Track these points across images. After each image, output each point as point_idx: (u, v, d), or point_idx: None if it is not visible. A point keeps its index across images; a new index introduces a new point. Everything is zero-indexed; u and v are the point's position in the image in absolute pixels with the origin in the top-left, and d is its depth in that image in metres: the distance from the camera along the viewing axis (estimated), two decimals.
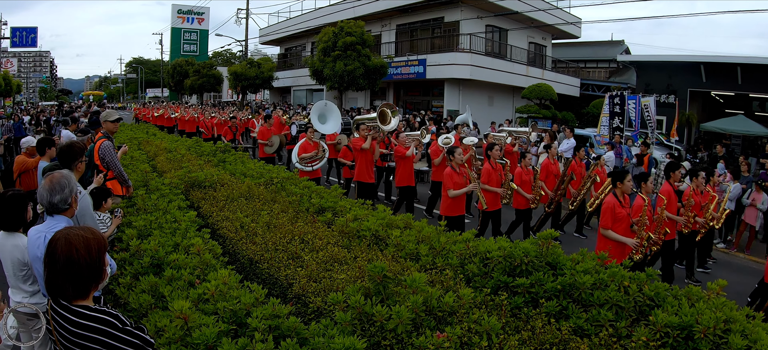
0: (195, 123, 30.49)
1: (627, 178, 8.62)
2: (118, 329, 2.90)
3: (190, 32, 78.37)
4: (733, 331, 3.85)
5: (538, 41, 42.25)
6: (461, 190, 10.40)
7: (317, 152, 14.54)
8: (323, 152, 14.70)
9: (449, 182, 10.40)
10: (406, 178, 14.18)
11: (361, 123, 14.23)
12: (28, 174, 10.17)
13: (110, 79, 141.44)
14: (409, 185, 14.21)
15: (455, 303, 4.15)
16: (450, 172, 10.45)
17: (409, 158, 14.02)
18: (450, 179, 10.40)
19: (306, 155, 14.33)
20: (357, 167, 13.74)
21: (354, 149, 13.91)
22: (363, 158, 13.59)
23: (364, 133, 13.61)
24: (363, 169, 13.63)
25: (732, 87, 31.74)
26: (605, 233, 8.32)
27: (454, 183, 10.39)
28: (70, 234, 2.93)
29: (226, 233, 6.84)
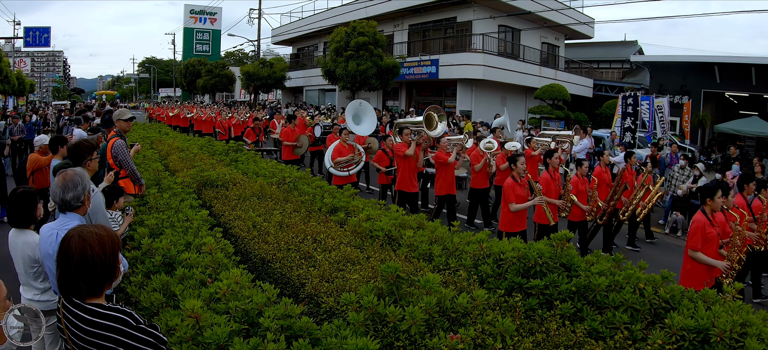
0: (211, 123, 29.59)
1: (717, 194, 7.71)
2: (131, 327, 2.88)
3: (202, 32, 78.59)
4: (750, 335, 3.79)
5: (551, 41, 42.13)
6: (525, 204, 9.56)
7: (353, 155, 13.66)
8: (359, 156, 13.85)
9: (511, 194, 9.52)
10: (447, 186, 13.04)
11: (404, 127, 13.03)
12: (41, 172, 10.22)
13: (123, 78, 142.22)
14: (450, 194, 13.16)
15: (469, 304, 4.11)
16: (512, 184, 9.59)
17: (451, 164, 12.88)
18: (512, 192, 9.53)
19: (341, 159, 13.51)
20: (399, 175, 12.64)
21: (396, 155, 12.77)
22: (406, 166, 12.50)
23: (408, 138, 12.44)
24: (406, 177, 12.54)
25: (746, 88, 31.56)
26: (694, 256, 7.45)
27: (516, 196, 9.53)
28: (83, 232, 2.91)
29: (238, 232, 6.83)
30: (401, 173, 12.56)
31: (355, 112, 15.28)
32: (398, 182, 12.62)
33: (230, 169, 10.88)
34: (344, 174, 13.30)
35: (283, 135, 18.46)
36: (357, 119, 15.21)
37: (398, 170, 12.72)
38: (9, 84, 47.82)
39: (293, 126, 18.56)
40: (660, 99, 24.20)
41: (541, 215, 10.18)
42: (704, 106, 33.23)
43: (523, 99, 38.90)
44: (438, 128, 13.33)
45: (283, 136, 18.45)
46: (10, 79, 48.22)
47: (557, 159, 10.99)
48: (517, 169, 9.69)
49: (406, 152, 12.20)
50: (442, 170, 13.00)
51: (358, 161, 13.74)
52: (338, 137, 16.28)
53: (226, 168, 10.91)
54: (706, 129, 33.34)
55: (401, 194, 12.55)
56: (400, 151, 12.37)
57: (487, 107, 34.88)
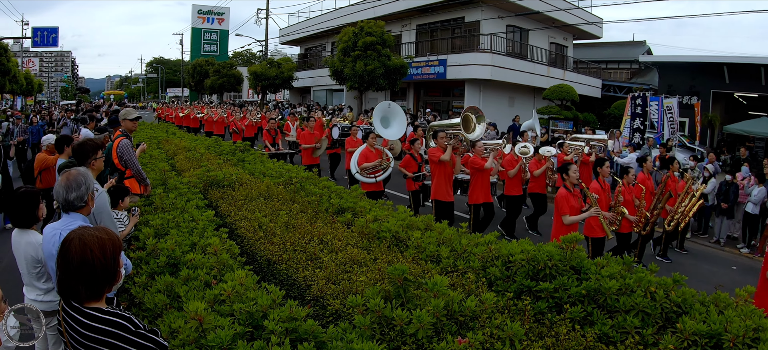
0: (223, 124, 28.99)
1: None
2: (130, 332, 2.83)
3: (210, 32, 78.73)
4: (763, 340, 3.73)
5: (560, 41, 42.03)
6: (579, 216, 8.91)
7: (381, 161, 12.80)
8: (387, 162, 12.93)
9: (564, 205, 8.84)
10: (482, 194, 12.13)
11: (439, 130, 11.90)
12: (48, 171, 10.25)
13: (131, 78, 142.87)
14: (487, 202, 12.23)
15: (477, 307, 4.05)
16: (565, 194, 8.91)
17: (488, 170, 11.92)
18: (565, 203, 8.86)
19: (368, 164, 12.65)
20: (434, 183, 11.59)
21: (431, 161, 11.64)
22: (442, 173, 11.50)
23: (443, 142, 11.40)
24: (442, 185, 11.52)
25: (756, 89, 31.40)
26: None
27: (570, 207, 8.87)
28: (84, 235, 2.86)
29: (244, 233, 6.79)
30: (436, 181, 11.57)
31: (384, 114, 14.26)
32: (434, 190, 11.65)
33: (237, 169, 10.86)
34: (371, 181, 12.58)
35: (301, 138, 17.31)
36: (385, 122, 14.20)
37: (433, 177, 11.70)
38: (17, 84, 47.97)
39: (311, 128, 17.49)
40: (669, 100, 24.08)
41: (591, 227, 9.52)
42: (713, 106, 33.08)
43: (531, 99, 38.80)
44: (476, 131, 12.06)
45: (301, 139, 17.29)
46: (19, 79, 48.38)
47: (607, 168, 10.35)
48: (569, 178, 9.11)
49: (441, 158, 11.23)
50: (477, 176, 12.09)
51: (386, 167, 12.89)
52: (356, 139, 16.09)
53: (232, 168, 10.89)
54: (715, 130, 33.19)
55: (438, 204, 11.59)
56: (434, 156, 11.37)
57: (496, 108, 34.80)
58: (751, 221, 13.96)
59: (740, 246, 14.23)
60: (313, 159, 16.85)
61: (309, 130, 17.33)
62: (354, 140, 16.28)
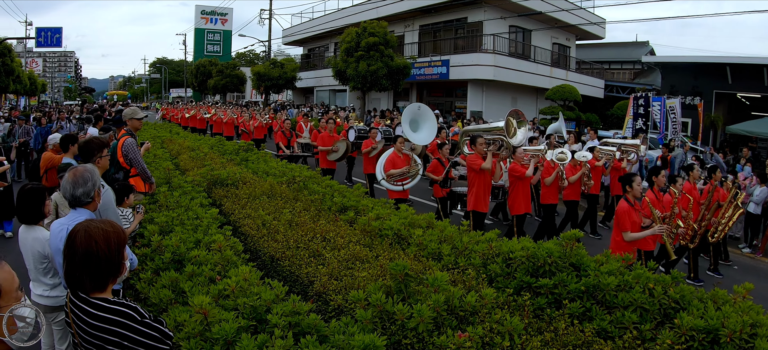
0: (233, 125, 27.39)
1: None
2: (136, 321, 2.89)
3: (213, 33, 78.74)
4: (760, 336, 3.78)
5: (562, 42, 42.01)
6: (642, 233, 8.20)
7: (409, 167, 11.95)
8: (416, 168, 12.12)
9: (626, 221, 8.10)
10: (523, 203, 11.26)
11: (477, 135, 10.75)
12: (54, 170, 10.29)
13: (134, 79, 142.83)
14: (527, 213, 11.44)
15: (477, 302, 4.10)
16: (627, 209, 8.17)
17: (528, 179, 11.17)
18: (628, 218, 8.11)
19: (395, 171, 11.83)
20: (473, 194, 10.61)
21: (469, 169, 10.64)
22: (481, 181, 10.58)
23: (482, 148, 10.41)
24: (480, 195, 10.61)
25: (759, 89, 31.40)
26: None
27: (632, 223, 8.14)
28: (90, 227, 2.92)
29: (247, 230, 6.84)
30: (475, 191, 10.60)
31: (413, 116, 13.33)
32: (473, 201, 10.64)
33: (240, 168, 10.92)
34: (397, 188, 11.80)
35: (319, 141, 16.24)
36: (414, 125, 13.28)
37: (471, 187, 10.70)
38: (21, 84, 48.09)
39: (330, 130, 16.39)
40: (672, 100, 24.08)
41: (647, 242, 8.69)
42: (716, 107, 33.09)
43: (533, 100, 38.79)
44: (518, 136, 11.31)
45: (319, 141, 16.22)
46: (22, 80, 48.51)
47: (663, 178, 9.78)
48: (632, 191, 8.38)
49: (482, 166, 10.28)
50: (517, 185, 11.25)
51: (414, 173, 12.06)
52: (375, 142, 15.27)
53: (236, 167, 10.94)
54: (718, 130, 33.19)
55: (476, 215, 10.70)
56: (474, 164, 10.38)
57: (498, 108, 34.79)
58: (753, 221, 14.00)
59: (742, 246, 14.26)
60: (330, 163, 16.12)
61: (327, 132, 16.35)
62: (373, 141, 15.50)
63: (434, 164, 12.84)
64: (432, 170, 12.77)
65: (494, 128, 11.57)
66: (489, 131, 11.62)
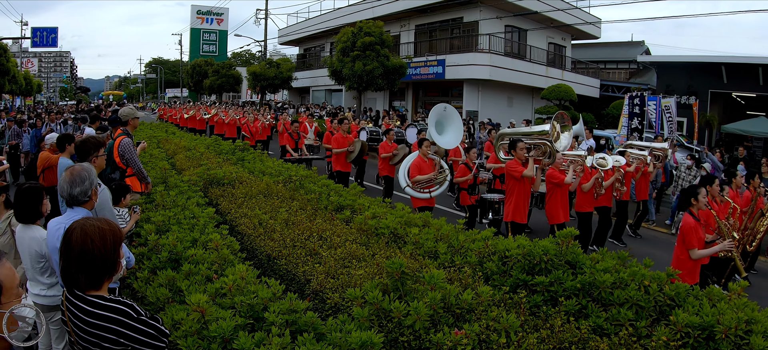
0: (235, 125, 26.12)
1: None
2: (132, 319, 2.90)
3: (209, 33, 78.67)
4: (755, 332, 3.80)
5: (558, 42, 42.06)
6: (709, 250, 7.56)
7: (436, 173, 11.06)
8: (444, 174, 11.27)
9: (693, 238, 7.34)
10: (561, 211, 10.45)
11: (517, 139, 10.03)
12: (51, 170, 10.28)
13: (130, 79, 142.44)
14: (565, 222, 10.35)
15: (474, 300, 4.12)
16: (693, 224, 7.41)
17: (566, 186, 10.39)
18: (694, 235, 7.35)
19: (421, 177, 10.90)
20: (512, 203, 9.89)
21: (509, 176, 9.96)
22: (521, 190, 9.85)
23: (523, 154, 9.72)
24: (520, 204, 9.88)
25: (754, 88, 31.44)
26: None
27: (699, 240, 7.39)
28: (86, 225, 2.93)
29: (244, 229, 6.85)
30: (514, 200, 9.85)
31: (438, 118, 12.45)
32: (511, 211, 9.93)
33: (237, 167, 10.92)
34: (424, 196, 10.96)
35: (334, 143, 15.46)
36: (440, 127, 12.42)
37: (510, 195, 9.96)
38: (16, 84, 48.00)
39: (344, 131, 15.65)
40: (667, 99, 24.12)
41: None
42: (711, 106, 33.13)
43: (529, 99, 38.86)
44: (562, 141, 10.45)
45: (334, 143, 15.46)
46: (18, 80, 48.40)
47: (717, 187, 9.18)
48: (698, 204, 7.60)
49: (524, 173, 9.55)
50: (555, 192, 10.45)
51: (442, 180, 11.23)
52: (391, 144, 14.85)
53: (232, 167, 10.95)
54: (713, 130, 33.24)
55: (515, 226, 9.97)
56: (515, 171, 9.69)
57: (494, 108, 34.88)
58: None
59: None
60: (345, 166, 15.41)
61: (342, 133, 15.59)
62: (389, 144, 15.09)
63: (462, 170, 12.30)
64: (459, 176, 12.24)
65: (537, 131, 10.54)
66: (530, 134, 10.59)
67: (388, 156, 14.78)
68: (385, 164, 14.99)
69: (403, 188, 11.28)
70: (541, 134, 10.21)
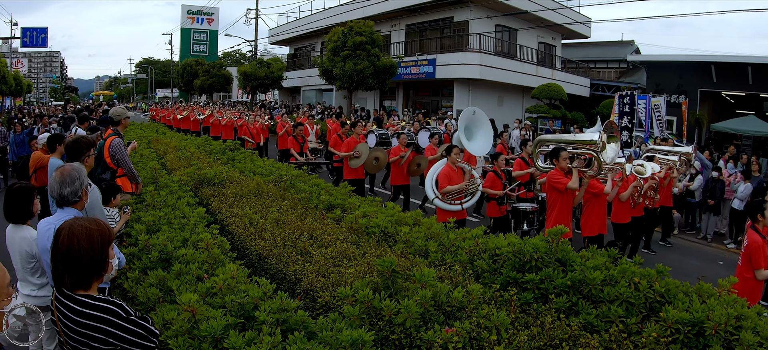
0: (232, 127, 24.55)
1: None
2: (122, 318, 2.90)
3: (199, 33, 78.48)
4: (745, 328, 3.82)
5: (548, 41, 42.13)
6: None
7: (467, 183, 10.39)
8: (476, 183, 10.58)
9: (761, 257, 6.77)
10: (597, 223, 9.87)
11: (561, 148, 9.34)
12: (43, 170, 10.26)
13: (120, 79, 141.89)
14: (601, 234, 9.96)
15: (464, 298, 4.13)
16: (761, 243, 6.83)
17: (605, 197, 9.88)
18: (761, 253, 6.78)
19: (452, 188, 10.18)
20: (553, 216, 9.05)
21: (552, 188, 9.11)
22: (563, 203, 9.08)
23: (566, 164, 9.10)
24: (563, 218, 8.95)
25: (743, 87, 31.58)
26: None
27: (765, 258, 6.80)
28: (74, 225, 2.93)
29: (234, 229, 6.84)
30: (556, 214, 9.03)
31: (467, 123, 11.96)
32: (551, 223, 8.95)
33: (227, 167, 10.90)
34: (455, 208, 10.25)
35: (345, 147, 14.43)
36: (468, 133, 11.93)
37: (551, 209, 9.20)
38: (6, 85, 47.74)
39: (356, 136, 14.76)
40: (657, 98, 24.21)
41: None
42: (701, 105, 33.25)
43: (520, 99, 38.91)
44: (608, 152, 9.35)
45: (345, 148, 14.40)
46: (8, 80, 48.14)
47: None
48: (765, 220, 7.03)
49: (569, 185, 8.85)
50: (592, 202, 9.86)
51: (474, 190, 10.53)
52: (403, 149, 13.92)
53: (223, 167, 10.93)
54: (702, 128, 33.36)
55: None
56: (558, 182, 8.95)
57: (485, 107, 34.50)
58: (738, 217, 14.12)
59: (727, 242, 14.39)
60: (357, 173, 14.25)
61: (355, 137, 14.71)
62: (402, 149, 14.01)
63: (491, 178, 11.39)
64: (489, 184, 11.32)
65: (583, 140, 9.67)
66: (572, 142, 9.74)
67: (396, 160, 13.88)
68: (399, 171, 14.02)
69: (431, 201, 10.60)
70: (588, 143, 9.38)
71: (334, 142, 15.91)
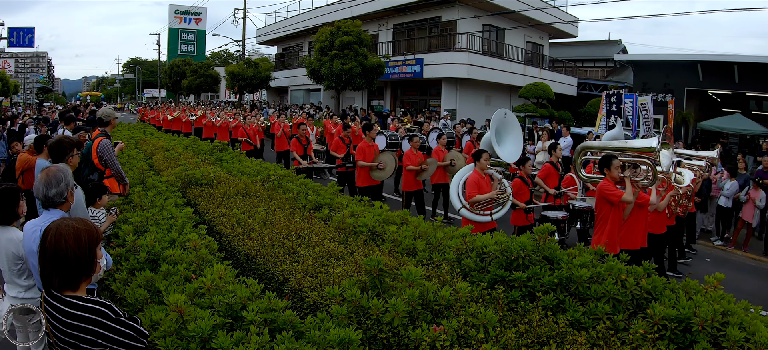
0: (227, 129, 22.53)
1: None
2: (110, 319, 2.89)
3: (187, 32, 78.13)
4: (731, 323, 3.84)
5: (536, 40, 42.28)
6: None
7: (498, 192, 9.57)
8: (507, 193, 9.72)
9: None
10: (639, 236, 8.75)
11: (612, 156, 8.19)
12: (30, 172, 10.21)
13: (108, 79, 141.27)
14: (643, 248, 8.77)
15: (452, 296, 4.13)
16: None
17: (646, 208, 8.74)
18: None
19: (482, 197, 9.33)
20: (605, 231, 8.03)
21: (604, 199, 8.05)
22: (616, 217, 8.06)
23: (618, 173, 8.05)
24: (614, 234, 8.06)
25: (729, 86, 31.82)
26: None
27: None
28: (61, 225, 2.93)
29: (222, 229, 6.83)
30: (608, 229, 8.02)
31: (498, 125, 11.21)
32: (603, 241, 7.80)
33: (215, 168, 10.87)
34: (485, 219, 9.39)
35: (359, 153, 13.00)
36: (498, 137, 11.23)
37: (601, 223, 8.18)
38: None
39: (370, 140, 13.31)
40: (644, 97, 24.31)
41: None
42: (687, 104, 33.47)
43: (507, 98, 39.00)
44: (663, 159, 8.40)
45: (359, 154, 12.98)
46: None
47: None
48: None
49: (623, 197, 7.87)
50: (635, 214, 8.61)
51: (504, 200, 9.67)
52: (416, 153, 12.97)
53: (210, 167, 10.89)
54: (689, 127, 33.55)
55: None
56: (610, 194, 7.94)
57: (472, 106, 34.97)
58: (724, 214, 14.20)
59: (714, 239, 14.45)
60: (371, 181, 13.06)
61: (367, 141, 13.23)
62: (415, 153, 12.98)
63: (517, 184, 10.65)
64: (515, 192, 10.51)
65: (638, 148, 8.57)
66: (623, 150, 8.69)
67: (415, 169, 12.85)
68: (411, 176, 13.08)
69: (458, 211, 9.74)
70: (645, 151, 8.34)
71: (335, 145, 15.01)
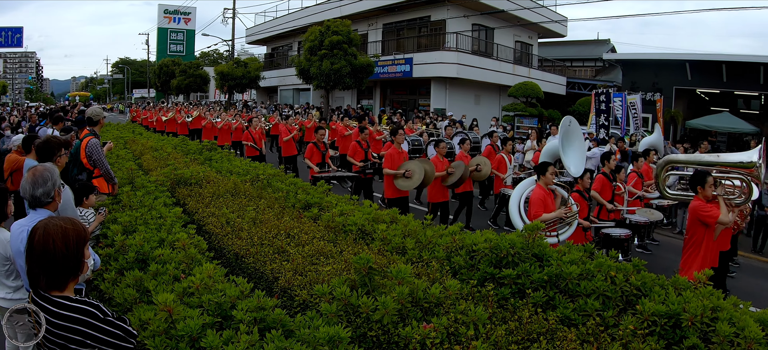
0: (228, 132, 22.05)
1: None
2: (99, 319, 2.88)
3: (176, 32, 77.96)
4: (721, 319, 3.85)
5: (525, 40, 42.36)
6: None
7: (565, 210, 8.71)
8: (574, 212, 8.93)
9: None
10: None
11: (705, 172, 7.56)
12: (19, 172, 10.15)
13: (96, 79, 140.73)
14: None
15: (442, 294, 4.13)
16: None
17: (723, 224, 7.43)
18: None
19: (548, 216, 8.48)
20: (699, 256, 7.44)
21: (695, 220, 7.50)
22: (709, 240, 7.45)
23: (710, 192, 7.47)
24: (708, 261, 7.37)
25: (717, 85, 32.02)
26: None
27: None
28: (49, 225, 2.91)
29: (212, 229, 6.81)
30: (702, 254, 7.42)
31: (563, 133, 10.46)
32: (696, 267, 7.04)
33: (204, 167, 10.84)
34: (551, 241, 7.84)
35: (387, 160, 12.06)
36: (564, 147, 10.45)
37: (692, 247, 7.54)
38: None
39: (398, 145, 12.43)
40: (632, 96, 24.46)
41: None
42: (676, 102, 33.63)
43: (496, 97, 39.08)
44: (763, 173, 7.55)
45: (387, 161, 12.05)
46: None
47: None
48: None
49: (720, 218, 7.25)
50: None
51: (571, 220, 8.84)
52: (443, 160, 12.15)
53: (200, 167, 10.87)
54: (678, 125, 33.71)
55: None
56: (707, 215, 7.32)
57: (462, 106, 34.99)
58: None
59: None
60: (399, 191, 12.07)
61: (396, 148, 12.35)
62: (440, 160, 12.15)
63: (576, 200, 9.70)
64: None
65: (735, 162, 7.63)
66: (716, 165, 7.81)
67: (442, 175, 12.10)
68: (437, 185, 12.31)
69: (517, 226, 8.92)
70: (744, 166, 7.47)
71: (353, 150, 13.85)
